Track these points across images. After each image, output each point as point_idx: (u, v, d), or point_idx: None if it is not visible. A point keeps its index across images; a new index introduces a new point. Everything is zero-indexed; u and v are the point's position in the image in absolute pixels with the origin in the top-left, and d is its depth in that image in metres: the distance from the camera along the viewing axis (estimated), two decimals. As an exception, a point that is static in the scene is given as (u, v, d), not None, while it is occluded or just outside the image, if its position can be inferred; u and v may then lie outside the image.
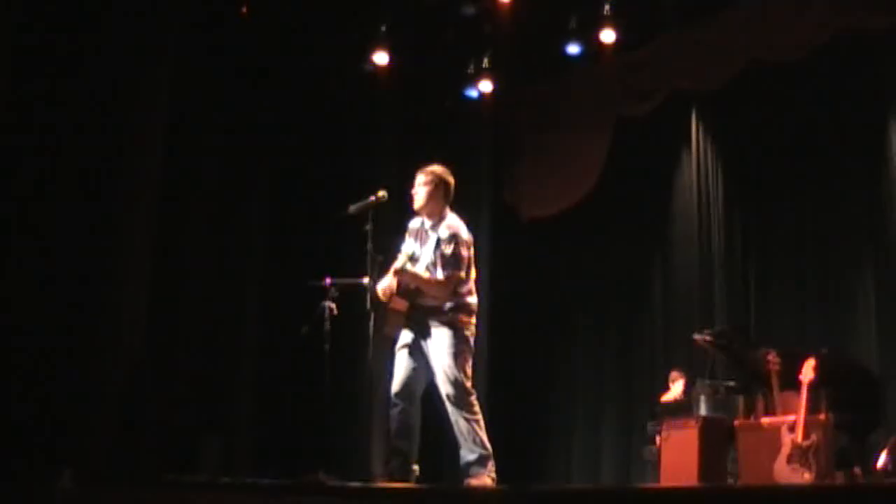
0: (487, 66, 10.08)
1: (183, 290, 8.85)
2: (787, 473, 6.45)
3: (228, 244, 9.39)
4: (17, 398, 7.09)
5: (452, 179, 5.84)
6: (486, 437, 5.58)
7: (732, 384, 7.75)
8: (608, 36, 9.28)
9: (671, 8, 9.30)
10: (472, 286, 5.75)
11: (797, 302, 9.29)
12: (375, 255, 5.66)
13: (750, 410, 7.42)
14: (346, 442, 8.89)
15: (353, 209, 5.80)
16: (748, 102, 9.52)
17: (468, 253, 5.72)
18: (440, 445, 6.47)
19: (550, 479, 10.31)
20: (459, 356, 5.57)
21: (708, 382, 7.84)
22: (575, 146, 10.16)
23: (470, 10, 9.43)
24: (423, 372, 5.64)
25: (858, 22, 8.26)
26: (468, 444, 5.53)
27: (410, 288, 5.63)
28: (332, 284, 6.19)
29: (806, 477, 6.36)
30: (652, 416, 8.75)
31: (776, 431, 6.68)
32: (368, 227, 5.70)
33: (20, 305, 7.26)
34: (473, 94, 10.36)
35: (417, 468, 5.62)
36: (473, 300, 5.74)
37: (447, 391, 5.55)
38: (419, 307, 5.64)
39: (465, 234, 5.75)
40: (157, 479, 7.03)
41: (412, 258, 5.75)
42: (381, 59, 9.64)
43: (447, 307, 5.62)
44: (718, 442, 7.18)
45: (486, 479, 5.49)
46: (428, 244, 5.76)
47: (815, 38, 8.52)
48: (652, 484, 7.79)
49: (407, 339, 5.68)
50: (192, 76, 8.75)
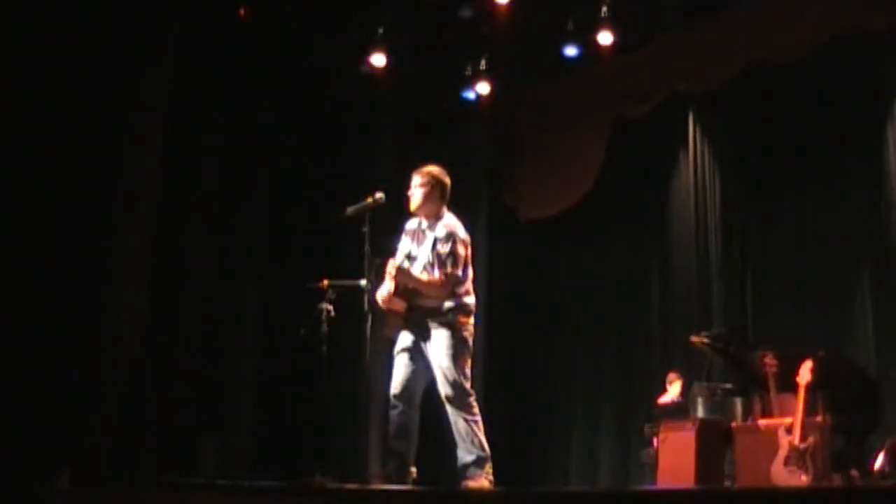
0: (486, 66, 10.07)
1: (183, 290, 8.84)
2: (784, 475, 6.47)
3: (228, 244, 9.38)
4: (17, 398, 7.08)
5: (449, 180, 5.81)
6: (484, 438, 5.57)
7: (730, 386, 7.77)
8: (605, 38, 9.27)
9: (671, 8, 9.28)
10: (469, 286, 5.74)
11: (796, 303, 9.28)
12: (373, 257, 5.66)
13: (747, 412, 7.45)
14: (344, 443, 8.89)
15: (350, 211, 5.80)
16: (748, 103, 9.52)
17: (465, 252, 5.70)
18: (438, 447, 6.47)
19: (549, 479, 10.31)
20: (459, 357, 5.56)
21: (705, 384, 7.86)
22: (574, 147, 10.16)
23: (469, 11, 9.42)
24: (422, 374, 5.63)
25: (858, 22, 8.26)
26: (466, 445, 5.52)
27: (408, 288, 5.61)
28: (329, 286, 6.19)
29: (803, 479, 6.38)
30: (649, 418, 8.76)
31: (773, 433, 6.70)
32: (366, 228, 5.71)
33: (20, 305, 7.25)
34: (471, 95, 10.35)
35: (415, 470, 5.62)
36: (471, 300, 5.72)
37: (446, 392, 5.54)
38: (417, 308, 5.62)
39: (462, 233, 5.73)
40: (156, 479, 7.04)
41: (409, 257, 5.73)
42: (380, 59, 9.64)
43: (446, 308, 5.61)
44: (716, 444, 7.20)
45: (483, 481, 5.48)
46: (425, 244, 5.74)
47: (815, 38, 8.52)
48: (649, 486, 7.80)
49: (406, 340, 5.66)
50: (192, 76, 8.74)
